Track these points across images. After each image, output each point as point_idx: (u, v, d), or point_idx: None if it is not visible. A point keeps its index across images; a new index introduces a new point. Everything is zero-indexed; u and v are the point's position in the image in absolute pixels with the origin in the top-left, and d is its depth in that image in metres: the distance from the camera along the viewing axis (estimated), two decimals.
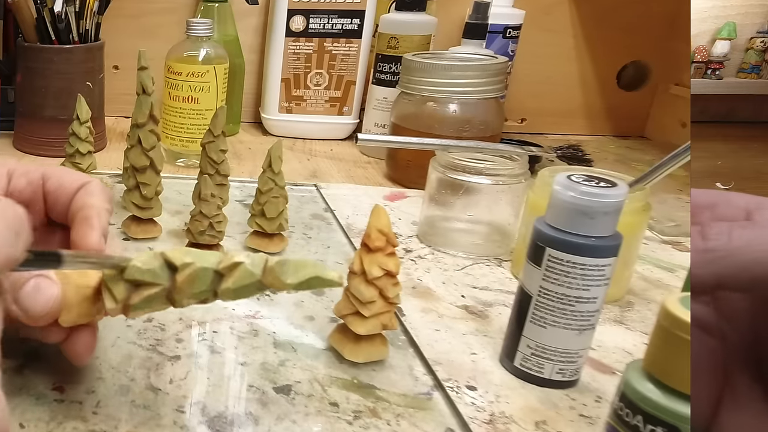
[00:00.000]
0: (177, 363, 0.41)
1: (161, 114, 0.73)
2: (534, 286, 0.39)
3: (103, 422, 0.35)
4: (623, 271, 0.50)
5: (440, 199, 0.59)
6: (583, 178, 0.37)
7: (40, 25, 0.78)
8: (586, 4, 0.98)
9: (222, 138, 0.54)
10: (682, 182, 0.78)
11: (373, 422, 0.37)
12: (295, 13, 0.89)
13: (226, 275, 0.31)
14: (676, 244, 0.62)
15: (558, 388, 0.40)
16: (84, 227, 0.35)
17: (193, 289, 0.31)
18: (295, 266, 0.30)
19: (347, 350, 0.41)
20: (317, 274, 0.30)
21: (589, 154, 0.91)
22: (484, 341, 0.45)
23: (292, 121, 0.94)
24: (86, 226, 0.35)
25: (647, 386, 0.27)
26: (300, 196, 0.71)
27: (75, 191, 0.37)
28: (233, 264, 0.30)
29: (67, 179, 0.38)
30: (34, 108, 0.80)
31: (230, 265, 0.30)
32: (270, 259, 0.30)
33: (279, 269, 0.30)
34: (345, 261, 0.56)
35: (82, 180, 0.38)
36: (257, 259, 0.31)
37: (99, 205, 0.36)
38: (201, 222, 0.53)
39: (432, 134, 0.71)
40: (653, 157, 0.89)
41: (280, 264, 0.30)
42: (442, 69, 0.70)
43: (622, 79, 1.03)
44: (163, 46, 0.78)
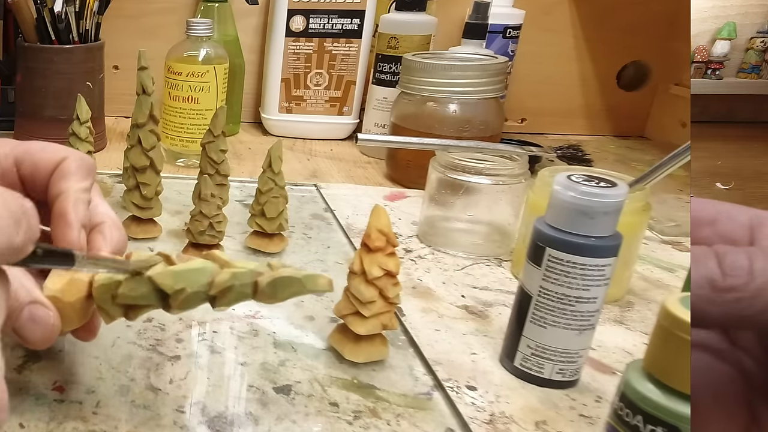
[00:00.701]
0: (177, 363, 0.41)
1: (161, 114, 0.73)
2: (534, 286, 0.39)
3: (103, 422, 0.35)
4: (623, 271, 0.50)
5: (440, 199, 0.59)
6: (583, 178, 0.37)
7: (40, 25, 0.78)
8: (586, 4, 0.98)
9: (222, 138, 0.54)
10: (682, 182, 0.78)
11: (373, 422, 0.37)
12: (295, 13, 0.89)
13: (219, 298, 0.31)
14: (676, 244, 0.62)
15: (558, 388, 0.40)
16: (60, 226, 0.33)
17: (186, 308, 0.31)
18: (284, 284, 0.30)
19: (347, 350, 0.41)
20: (307, 288, 0.30)
21: (589, 154, 0.91)
22: (484, 341, 0.45)
23: (292, 121, 0.94)
24: (62, 224, 0.33)
25: (647, 386, 0.27)
26: (300, 196, 0.71)
27: (50, 173, 0.35)
28: (225, 289, 0.30)
29: (41, 160, 0.35)
30: (34, 108, 0.80)
31: (222, 290, 0.30)
32: (260, 280, 0.30)
33: (270, 291, 0.30)
34: (345, 261, 0.56)
35: (56, 158, 0.35)
36: (247, 278, 0.30)
37: (74, 188, 0.34)
38: (201, 222, 0.53)
39: (432, 134, 0.71)
40: (653, 157, 0.89)
41: (270, 286, 0.30)
42: (442, 69, 0.70)
43: (622, 79, 1.03)
44: (163, 46, 0.78)
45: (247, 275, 0.30)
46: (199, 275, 0.30)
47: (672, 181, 0.76)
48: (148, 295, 0.31)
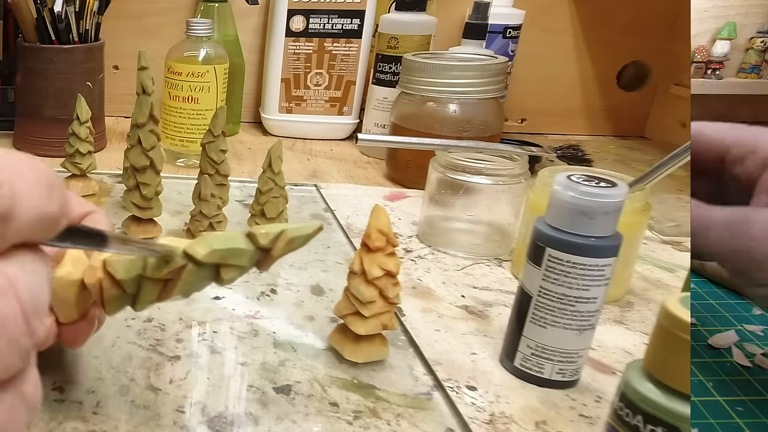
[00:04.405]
0: (177, 363, 0.41)
1: (161, 114, 0.73)
2: (534, 286, 0.39)
3: (103, 422, 0.35)
4: (623, 271, 0.50)
5: (440, 199, 0.59)
6: (583, 178, 0.37)
7: (40, 25, 0.78)
8: (586, 4, 0.98)
9: (222, 138, 0.55)
10: (682, 182, 0.78)
11: (373, 422, 0.37)
12: (295, 13, 0.89)
13: (222, 273, 0.30)
14: (676, 244, 0.62)
15: (558, 388, 0.40)
16: None
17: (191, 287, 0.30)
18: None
19: (347, 350, 0.41)
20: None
21: (589, 154, 0.91)
22: (484, 341, 0.45)
23: (292, 121, 0.94)
24: None
25: (647, 386, 0.27)
26: (300, 196, 0.71)
27: (80, 219, 0.36)
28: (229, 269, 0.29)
29: (74, 204, 0.37)
30: (34, 108, 0.80)
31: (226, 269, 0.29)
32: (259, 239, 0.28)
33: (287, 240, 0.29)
34: (345, 261, 0.56)
35: (85, 209, 0.37)
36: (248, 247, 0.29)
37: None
38: (201, 222, 0.53)
39: (432, 134, 0.71)
40: (653, 157, 0.89)
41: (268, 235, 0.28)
42: (442, 69, 0.70)
43: (622, 79, 1.03)
44: (163, 46, 0.78)
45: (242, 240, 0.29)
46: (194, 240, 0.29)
47: (672, 181, 0.76)
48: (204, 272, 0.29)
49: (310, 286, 0.52)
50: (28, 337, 0.20)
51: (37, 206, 0.20)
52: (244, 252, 0.28)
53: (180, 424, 0.36)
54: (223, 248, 0.28)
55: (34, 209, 0.20)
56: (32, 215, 0.20)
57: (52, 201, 0.21)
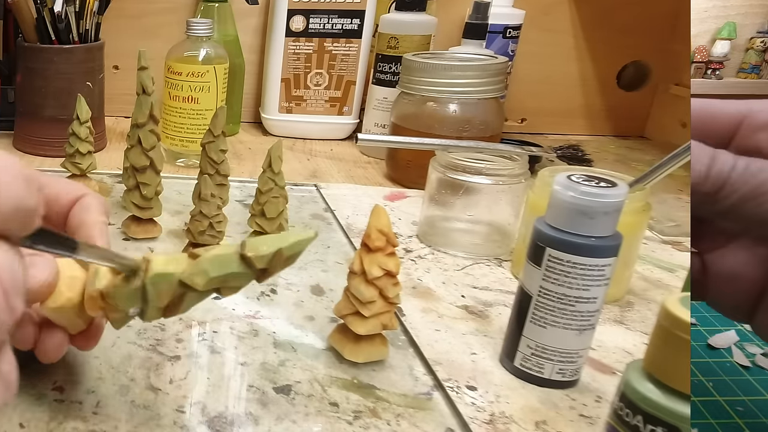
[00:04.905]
0: (177, 363, 0.41)
1: (161, 114, 0.73)
2: (534, 286, 0.39)
3: (103, 422, 0.35)
4: (623, 271, 0.50)
5: (440, 199, 0.59)
6: (583, 178, 0.37)
7: (40, 25, 0.78)
8: (586, 5, 0.98)
9: (222, 138, 0.55)
10: (682, 182, 0.78)
11: (373, 422, 0.37)
12: (295, 13, 0.89)
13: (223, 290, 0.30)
14: (676, 244, 0.62)
15: (558, 388, 0.40)
16: None
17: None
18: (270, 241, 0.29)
19: (347, 350, 0.41)
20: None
21: (589, 154, 0.91)
22: (484, 341, 0.45)
23: (292, 121, 0.94)
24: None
25: (647, 386, 0.27)
26: (300, 196, 0.71)
27: (70, 205, 0.36)
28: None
29: (62, 191, 0.37)
30: (34, 108, 0.80)
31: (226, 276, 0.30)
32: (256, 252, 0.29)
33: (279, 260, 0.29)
34: (345, 261, 0.56)
35: (76, 193, 0.37)
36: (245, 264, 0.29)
37: (96, 220, 0.36)
38: (201, 222, 0.53)
39: (432, 134, 0.71)
40: (653, 157, 0.89)
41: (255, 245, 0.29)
42: (442, 69, 0.70)
43: (622, 79, 1.03)
44: (163, 46, 0.78)
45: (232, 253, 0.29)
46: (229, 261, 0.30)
47: (672, 181, 0.76)
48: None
49: (310, 286, 0.52)
50: (9, 313, 0.21)
51: (15, 197, 0.21)
52: (241, 275, 0.29)
53: (180, 424, 0.36)
54: (221, 275, 0.29)
55: (13, 200, 0.21)
56: (11, 205, 0.21)
57: (30, 194, 0.22)
